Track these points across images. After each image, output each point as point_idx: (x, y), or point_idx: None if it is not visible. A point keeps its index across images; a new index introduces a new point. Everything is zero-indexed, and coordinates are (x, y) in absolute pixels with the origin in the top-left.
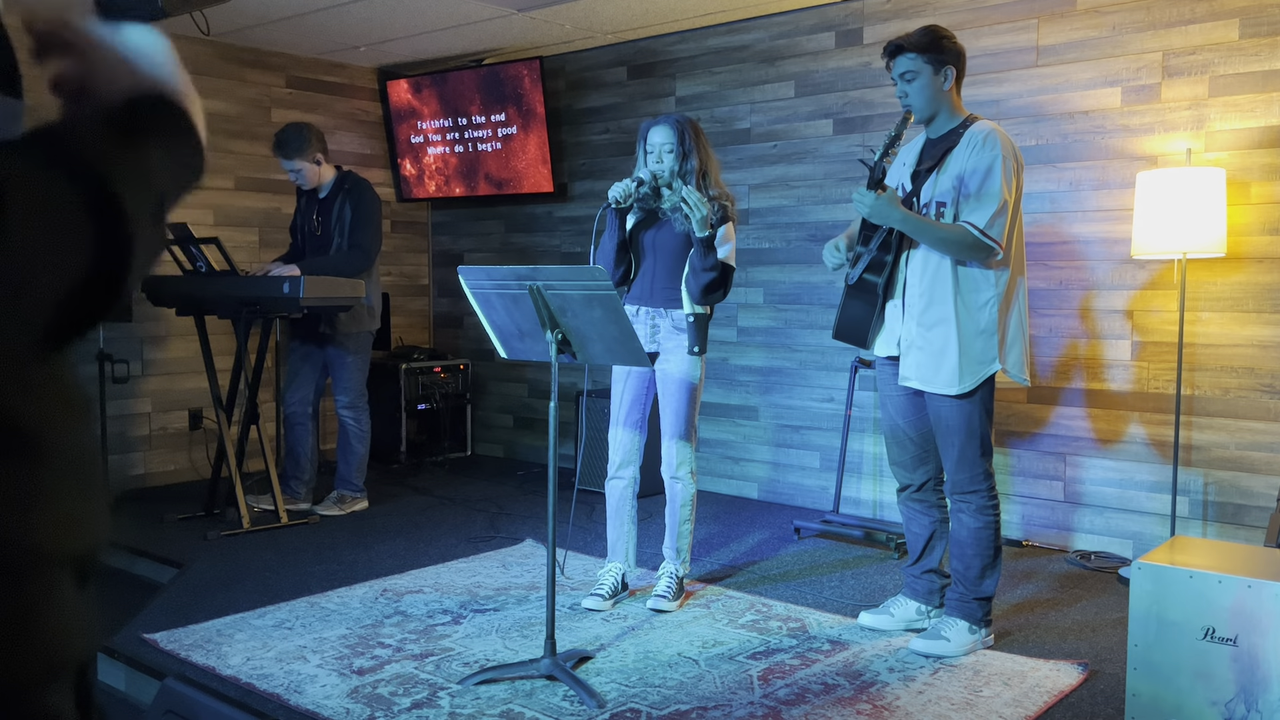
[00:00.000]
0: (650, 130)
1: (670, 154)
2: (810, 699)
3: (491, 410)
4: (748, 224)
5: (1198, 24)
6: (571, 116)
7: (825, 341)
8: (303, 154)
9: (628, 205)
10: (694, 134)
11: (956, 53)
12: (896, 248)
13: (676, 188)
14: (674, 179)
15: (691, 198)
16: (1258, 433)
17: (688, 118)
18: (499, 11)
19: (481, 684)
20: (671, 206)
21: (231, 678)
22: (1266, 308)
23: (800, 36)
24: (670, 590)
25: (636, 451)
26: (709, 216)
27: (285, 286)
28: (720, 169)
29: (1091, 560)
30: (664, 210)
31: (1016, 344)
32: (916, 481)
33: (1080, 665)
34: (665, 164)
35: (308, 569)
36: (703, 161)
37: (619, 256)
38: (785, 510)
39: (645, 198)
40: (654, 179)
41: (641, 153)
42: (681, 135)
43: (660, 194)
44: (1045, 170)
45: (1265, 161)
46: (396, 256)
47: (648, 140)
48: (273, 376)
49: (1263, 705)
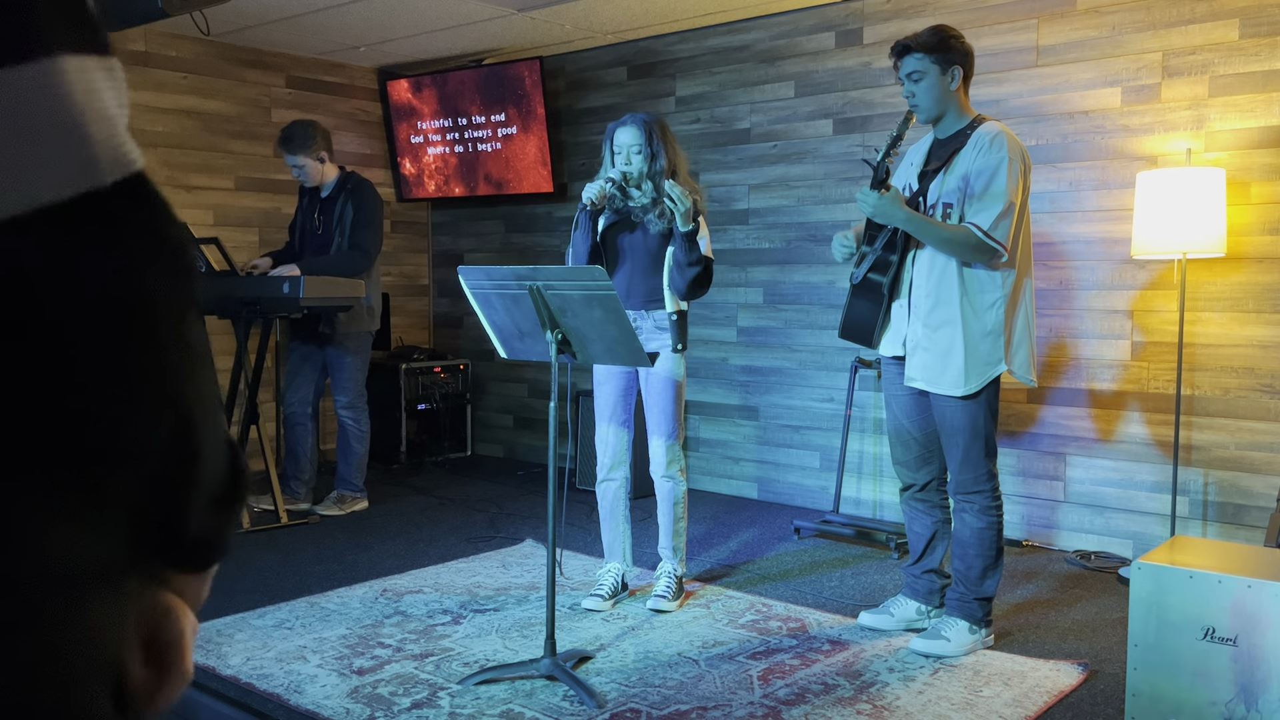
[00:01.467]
0: (616, 131)
1: (638, 154)
2: (810, 699)
3: (491, 410)
4: (748, 224)
5: (1198, 24)
6: (571, 116)
7: (825, 341)
8: (307, 150)
9: (600, 207)
10: (661, 133)
11: (964, 53)
12: (902, 248)
13: (646, 189)
14: (644, 179)
15: (675, 192)
16: (1258, 433)
17: (655, 117)
18: (499, 11)
19: (481, 684)
20: (641, 207)
21: (231, 678)
22: (1266, 308)
23: (800, 36)
24: (670, 590)
25: (625, 452)
26: (690, 210)
27: (285, 286)
28: (689, 165)
29: (1091, 560)
30: (635, 211)
31: (1023, 345)
32: (920, 481)
33: (1080, 665)
34: (634, 165)
35: (308, 569)
36: (671, 160)
37: (591, 258)
38: (785, 510)
39: (614, 198)
40: (624, 179)
41: (608, 154)
42: (649, 135)
43: (629, 195)
44: (1045, 170)
45: (1265, 161)
46: (396, 256)
47: (614, 141)
48: (273, 376)
49: (1263, 705)
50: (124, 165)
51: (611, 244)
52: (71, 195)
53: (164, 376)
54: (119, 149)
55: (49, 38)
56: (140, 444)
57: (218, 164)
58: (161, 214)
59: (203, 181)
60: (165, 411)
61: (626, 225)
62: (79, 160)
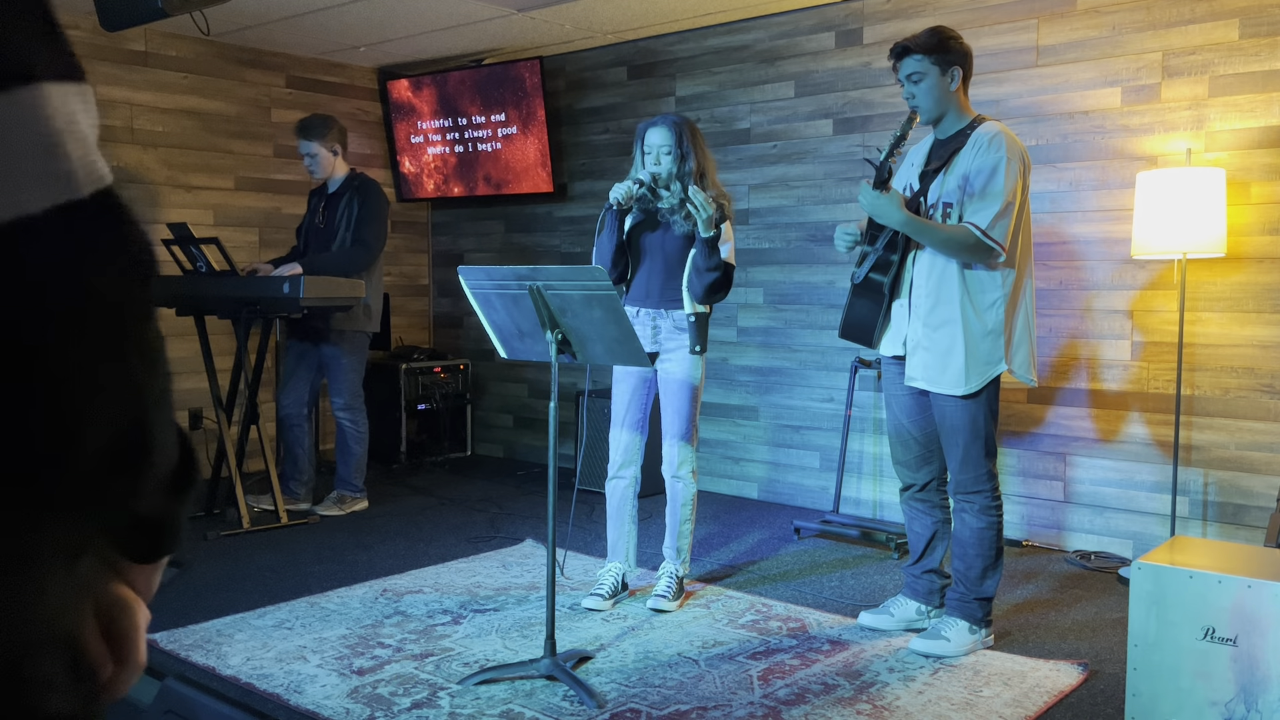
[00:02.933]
0: (648, 131)
1: (668, 155)
2: (810, 699)
3: (491, 410)
4: (748, 224)
5: (1198, 24)
6: (571, 116)
7: (825, 341)
8: (323, 138)
9: (628, 206)
10: (691, 135)
11: (963, 53)
12: (903, 247)
13: (675, 190)
14: (672, 180)
15: (698, 198)
16: (1258, 433)
17: (685, 118)
18: (499, 11)
19: (481, 684)
20: (669, 208)
21: (231, 678)
22: (1266, 308)
23: (800, 36)
24: (670, 590)
25: (637, 452)
26: (714, 216)
27: (285, 286)
28: (717, 168)
29: (1091, 560)
30: (662, 211)
31: (1023, 345)
32: (920, 481)
33: (1080, 665)
34: (664, 165)
35: (308, 569)
36: (700, 162)
37: (616, 257)
38: (785, 510)
39: (644, 198)
40: (654, 180)
41: (639, 154)
42: (679, 137)
43: (658, 195)
44: (1045, 170)
45: (1265, 161)
46: (396, 256)
47: (645, 141)
48: (272, 377)
49: (1263, 705)
50: (98, 179)
51: (636, 243)
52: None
53: (127, 372)
54: (93, 165)
55: (33, 67)
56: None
57: (218, 164)
58: (129, 222)
59: (203, 181)
60: (126, 405)
61: (652, 225)
62: (58, 175)
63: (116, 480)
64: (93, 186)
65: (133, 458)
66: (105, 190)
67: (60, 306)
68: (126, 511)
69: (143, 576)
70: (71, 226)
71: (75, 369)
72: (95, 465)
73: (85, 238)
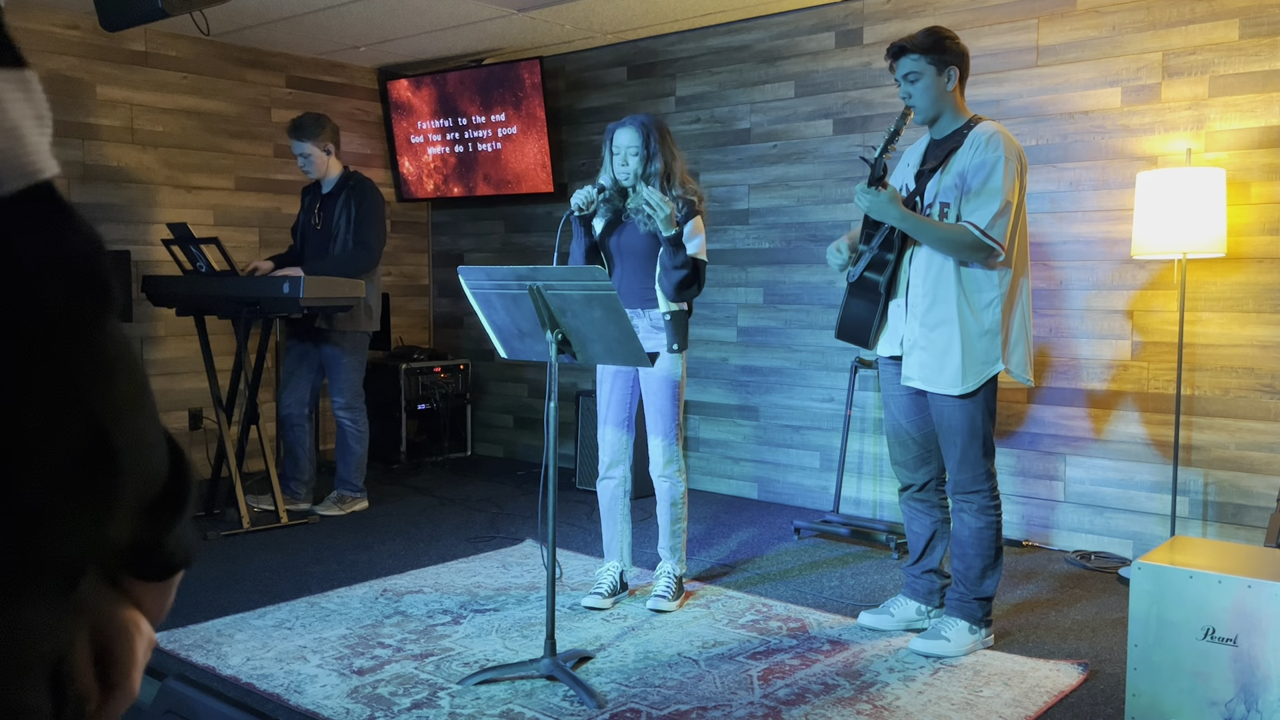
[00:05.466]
0: (616, 132)
1: (635, 156)
2: (810, 699)
3: (491, 410)
4: (748, 224)
5: (1198, 24)
6: (571, 116)
7: (825, 341)
8: (316, 138)
9: (590, 211)
10: (659, 135)
11: (959, 53)
12: (899, 246)
13: (639, 190)
14: (638, 181)
15: (653, 199)
16: (1258, 433)
17: (654, 118)
18: (499, 11)
19: (481, 684)
20: (635, 208)
21: (231, 678)
22: (1266, 308)
23: (800, 36)
24: (670, 590)
25: (625, 451)
26: (673, 215)
27: (285, 286)
28: (686, 165)
29: (1091, 560)
30: (629, 212)
31: (1020, 344)
32: (919, 481)
33: (1080, 665)
34: (630, 166)
35: (308, 569)
36: (667, 162)
37: (588, 260)
38: (785, 510)
39: (612, 199)
40: (615, 183)
41: (608, 155)
42: (647, 137)
43: (626, 195)
44: (1045, 170)
45: (1265, 161)
46: (396, 256)
47: (614, 142)
48: (272, 377)
49: (1263, 705)
50: (26, 175)
51: (607, 245)
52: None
53: (67, 380)
54: (21, 159)
55: None
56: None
57: (218, 164)
58: (66, 222)
59: (203, 181)
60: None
61: (623, 225)
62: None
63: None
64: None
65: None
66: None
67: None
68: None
69: (151, 595)
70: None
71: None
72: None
73: (2, 240)
